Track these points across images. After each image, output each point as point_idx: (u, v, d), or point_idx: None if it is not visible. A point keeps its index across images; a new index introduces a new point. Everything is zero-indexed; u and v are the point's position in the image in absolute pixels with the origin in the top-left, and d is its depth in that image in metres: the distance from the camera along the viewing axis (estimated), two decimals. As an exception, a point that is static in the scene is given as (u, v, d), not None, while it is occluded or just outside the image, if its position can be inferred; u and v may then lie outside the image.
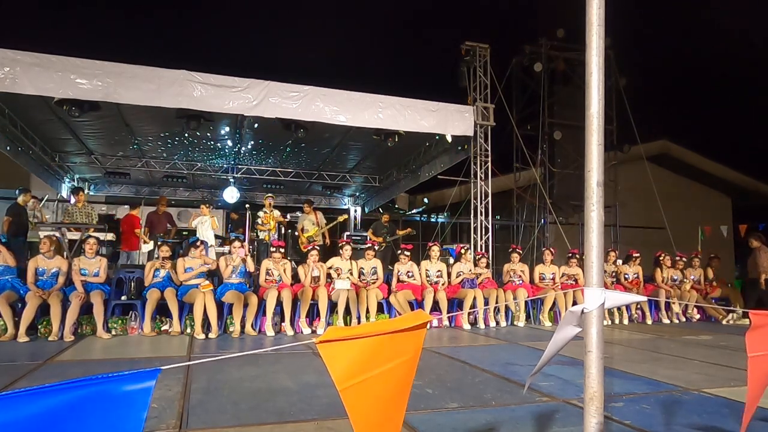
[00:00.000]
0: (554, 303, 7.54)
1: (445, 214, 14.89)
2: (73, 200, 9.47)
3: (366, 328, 1.19)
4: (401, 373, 1.23)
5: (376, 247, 7.45)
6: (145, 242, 9.24)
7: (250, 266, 6.55)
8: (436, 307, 7.07)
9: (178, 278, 6.27)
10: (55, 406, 0.83)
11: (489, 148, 9.34)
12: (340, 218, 10.26)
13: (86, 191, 10.55)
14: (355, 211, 14.33)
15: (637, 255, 8.48)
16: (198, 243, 6.59)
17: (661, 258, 8.59)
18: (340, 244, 7.28)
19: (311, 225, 9.36)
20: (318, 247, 7.13)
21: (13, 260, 5.88)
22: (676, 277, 8.55)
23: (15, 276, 5.85)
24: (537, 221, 13.36)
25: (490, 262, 8.74)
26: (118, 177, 11.59)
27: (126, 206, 11.17)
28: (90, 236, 6.44)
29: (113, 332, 5.89)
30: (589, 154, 1.37)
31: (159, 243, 6.77)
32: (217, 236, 9.85)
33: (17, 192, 8.70)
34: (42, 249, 5.95)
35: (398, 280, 7.23)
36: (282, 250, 6.78)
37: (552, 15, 13.83)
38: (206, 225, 9.03)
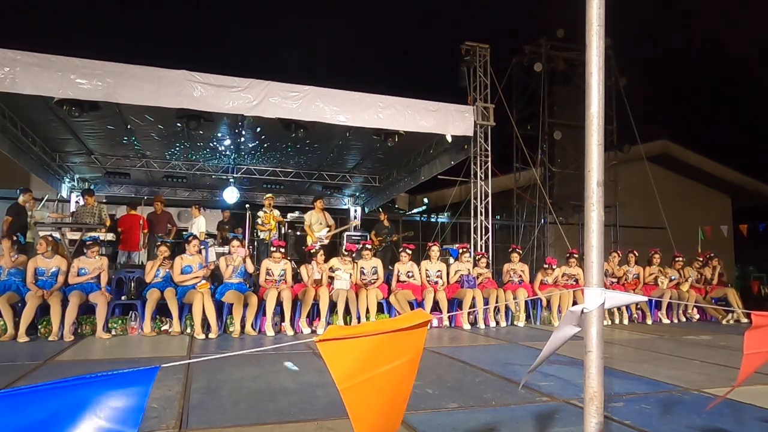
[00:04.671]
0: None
1: (445, 214, 14.89)
2: (82, 201, 9.62)
3: (366, 327, 1.19)
4: (402, 373, 1.23)
5: (369, 246, 7.39)
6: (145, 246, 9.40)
7: (250, 268, 6.54)
8: (436, 307, 7.07)
9: (174, 276, 6.27)
10: (53, 404, 0.83)
11: (489, 148, 9.34)
12: (352, 223, 10.29)
13: (95, 193, 10.60)
14: (355, 211, 14.33)
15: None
16: (190, 238, 6.58)
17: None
18: (345, 251, 7.25)
19: (318, 224, 9.26)
20: (322, 248, 7.10)
21: (13, 261, 5.90)
22: (674, 277, 8.56)
23: (21, 279, 5.86)
24: (537, 221, 13.36)
25: (490, 262, 8.74)
26: (118, 177, 11.58)
27: (125, 206, 11.17)
28: (91, 238, 6.44)
29: (113, 332, 5.89)
30: (589, 154, 1.37)
31: (158, 243, 6.78)
32: (210, 235, 9.90)
33: (18, 192, 8.73)
34: (39, 250, 5.96)
35: (398, 280, 7.23)
36: (282, 250, 6.78)
37: (552, 15, 13.85)
38: (195, 226, 9.26)
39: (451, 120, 8.39)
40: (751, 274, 19.31)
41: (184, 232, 9.48)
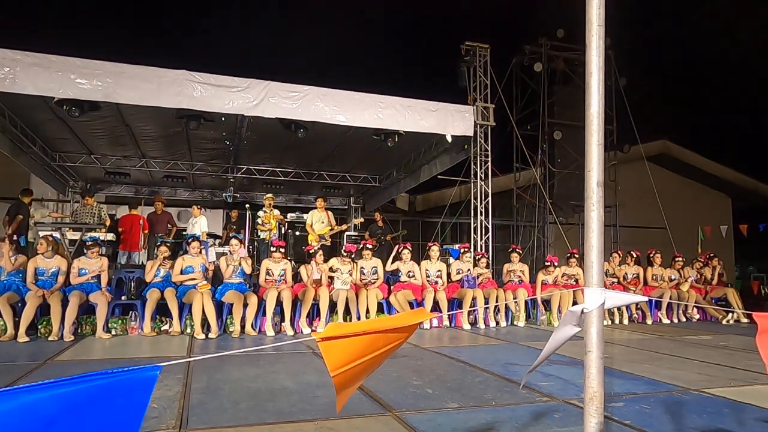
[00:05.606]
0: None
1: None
2: (81, 202, 9.65)
3: (366, 324, 1.20)
4: (386, 352, 1.29)
5: (369, 246, 7.39)
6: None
7: (247, 269, 6.53)
8: (436, 307, 7.07)
9: (173, 274, 6.27)
10: (55, 402, 0.83)
11: (489, 148, 9.34)
12: (356, 221, 10.24)
13: (94, 194, 10.60)
14: (356, 210, 14.34)
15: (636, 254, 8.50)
16: (190, 240, 6.59)
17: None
18: (346, 252, 7.25)
19: (320, 224, 9.24)
20: (322, 248, 7.09)
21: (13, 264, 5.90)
22: (674, 277, 8.55)
23: (21, 279, 5.86)
24: (537, 221, 13.36)
25: (490, 262, 8.74)
26: (118, 177, 11.58)
27: (126, 206, 11.17)
28: (91, 238, 6.44)
29: (113, 332, 5.89)
30: (589, 154, 1.37)
31: (158, 243, 6.78)
32: (211, 235, 9.89)
33: (21, 192, 8.77)
34: (39, 249, 5.96)
35: (397, 279, 7.22)
36: (282, 250, 6.77)
37: (552, 15, 13.82)
38: (197, 226, 9.19)
39: (451, 120, 8.39)
40: (751, 274, 19.32)
41: (184, 232, 9.49)
